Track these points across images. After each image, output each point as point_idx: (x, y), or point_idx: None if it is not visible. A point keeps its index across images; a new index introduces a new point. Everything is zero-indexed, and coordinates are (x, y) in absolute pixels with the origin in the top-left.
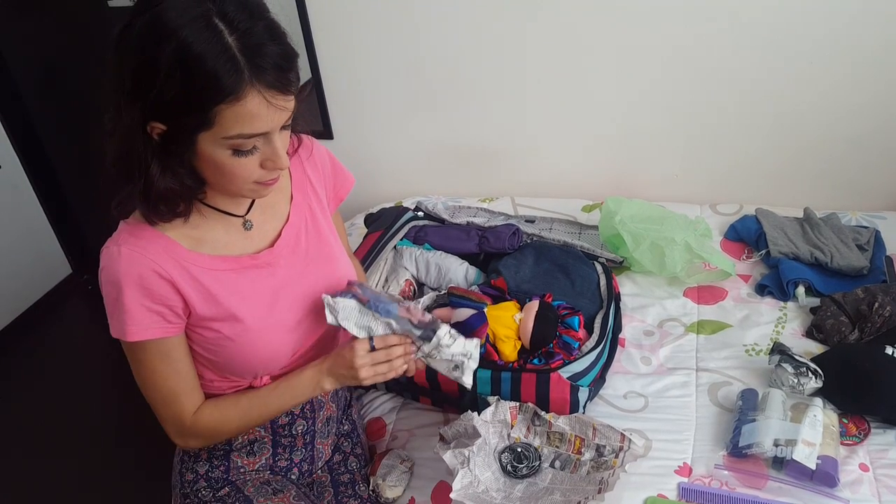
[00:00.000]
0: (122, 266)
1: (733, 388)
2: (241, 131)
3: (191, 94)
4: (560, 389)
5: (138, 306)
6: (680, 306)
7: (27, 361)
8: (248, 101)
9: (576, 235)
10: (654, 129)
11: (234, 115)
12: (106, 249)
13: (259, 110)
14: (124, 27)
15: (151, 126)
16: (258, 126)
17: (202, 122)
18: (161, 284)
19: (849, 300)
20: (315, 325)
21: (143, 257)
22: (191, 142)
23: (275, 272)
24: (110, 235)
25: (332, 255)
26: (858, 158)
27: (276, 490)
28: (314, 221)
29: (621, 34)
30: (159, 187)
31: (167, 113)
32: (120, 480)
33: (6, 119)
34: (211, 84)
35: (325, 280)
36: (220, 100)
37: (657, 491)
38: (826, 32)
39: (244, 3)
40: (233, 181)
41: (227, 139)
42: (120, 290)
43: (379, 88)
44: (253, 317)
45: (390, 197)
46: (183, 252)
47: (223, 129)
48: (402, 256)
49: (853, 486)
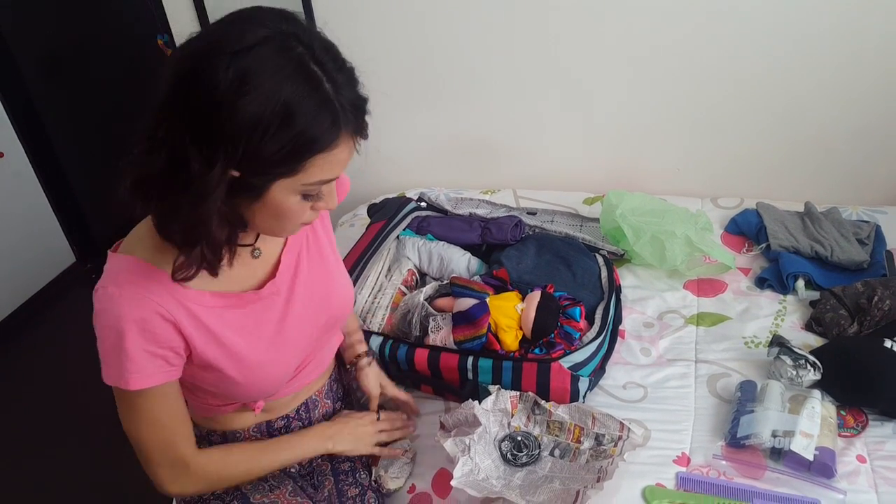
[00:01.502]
0: (123, 309)
1: (732, 380)
2: (322, 178)
3: (292, 149)
4: (561, 379)
5: (141, 352)
6: (680, 298)
7: (31, 350)
8: (340, 149)
9: (577, 228)
10: (655, 122)
11: (323, 164)
12: (102, 291)
13: (345, 157)
14: (196, 73)
15: (225, 172)
16: (337, 172)
17: (288, 171)
18: (165, 327)
19: (848, 294)
20: (314, 346)
21: (145, 298)
22: (263, 189)
23: (277, 302)
24: (115, 225)
25: (331, 274)
26: (859, 153)
27: (272, 486)
28: (315, 239)
29: (623, 28)
30: (220, 239)
31: (253, 164)
32: (120, 474)
33: (9, 106)
34: (314, 137)
35: (322, 304)
36: (318, 151)
37: (655, 480)
38: (827, 26)
39: (328, 46)
40: (285, 224)
41: (305, 185)
42: (121, 335)
43: (382, 81)
44: (256, 351)
45: (393, 188)
46: (183, 291)
47: (307, 176)
48: (405, 246)
49: (850, 477)
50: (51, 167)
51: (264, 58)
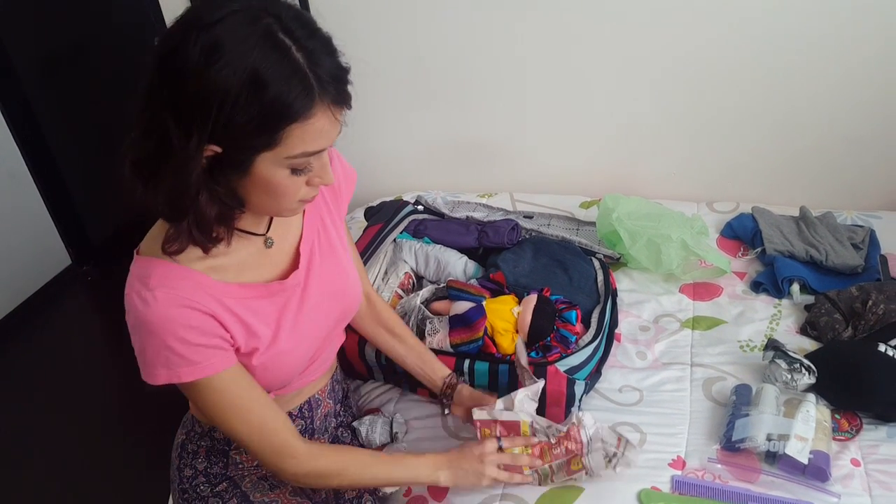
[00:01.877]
0: (161, 313)
1: (727, 384)
2: (305, 149)
3: (263, 118)
4: (557, 382)
5: (191, 348)
6: (676, 302)
7: (26, 352)
8: (317, 119)
9: (574, 231)
10: (652, 127)
11: (302, 134)
12: (136, 296)
13: (325, 127)
14: (172, 50)
15: (207, 149)
16: (321, 143)
17: (267, 143)
18: (204, 319)
19: (843, 298)
20: (326, 338)
21: (182, 297)
22: (248, 163)
23: (297, 293)
24: (111, 228)
25: (343, 267)
26: (855, 158)
27: (272, 485)
28: (325, 232)
29: (621, 32)
30: (209, 216)
31: (230, 137)
32: (118, 474)
33: (5, 107)
34: (285, 106)
35: (336, 296)
36: (292, 120)
37: (651, 483)
38: (824, 32)
39: (299, 15)
40: (280, 201)
41: (289, 159)
42: (165, 338)
43: (379, 83)
44: (277, 341)
45: (390, 192)
46: (213, 284)
47: (287, 148)
48: (402, 249)
49: (844, 480)
50: (47, 169)
51: (232, 29)
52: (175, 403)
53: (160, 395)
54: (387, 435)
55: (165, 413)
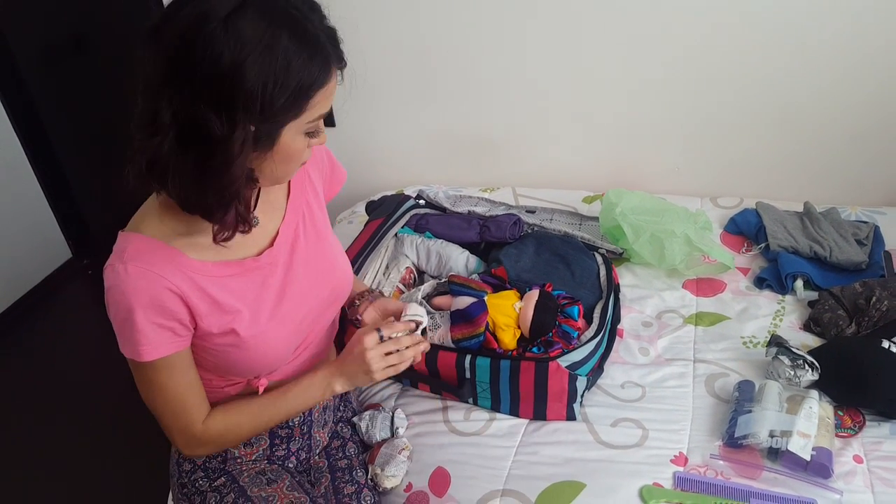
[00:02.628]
0: (130, 285)
1: (730, 380)
2: (321, 111)
3: (298, 92)
4: (559, 378)
5: (150, 325)
6: (679, 298)
7: (26, 345)
8: (333, 81)
9: (576, 226)
10: (655, 121)
11: (322, 98)
12: (111, 268)
13: (334, 87)
14: (194, 46)
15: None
16: (330, 102)
17: (296, 114)
18: (171, 299)
19: (847, 294)
20: (315, 322)
21: (151, 273)
22: (276, 136)
23: (276, 271)
24: (112, 221)
25: (330, 251)
26: (859, 154)
27: (270, 480)
28: (311, 216)
29: (624, 26)
30: (249, 198)
31: (265, 116)
32: (116, 468)
33: (5, 99)
34: (312, 77)
35: (323, 277)
36: (318, 88)
37: (653, 480)
38: (829, 27)
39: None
40: (291, 166)
41: (309, 123)
42: (130, 310)
43: (381, 77)
44: (258, 321)
45: (392, 185)
46: (188, 262)
47: (311, 114)
48: (403, 244)
49: (847, 477)
50: (47, 161)
51: (253, 17)
52: None
53: None
54: (387, 430)
55: None
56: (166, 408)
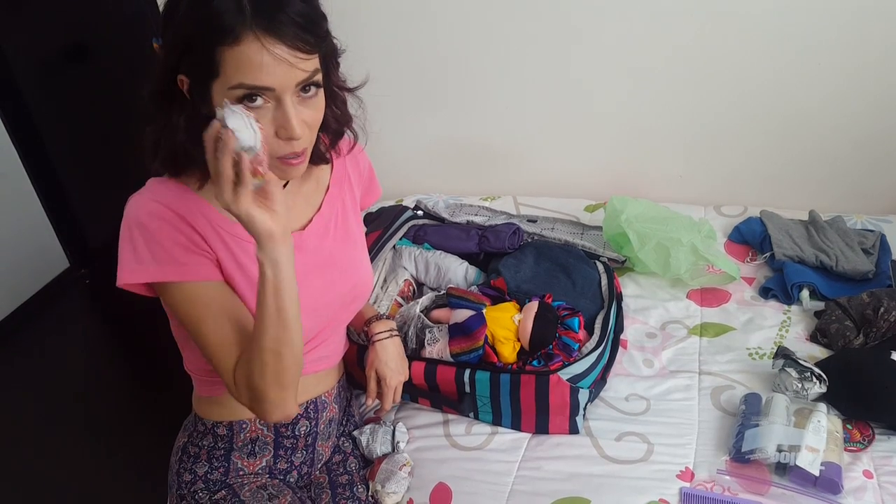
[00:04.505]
0: (155, 209)
1: (736, 392)
2: (241, 80)
3: (200, 34)
4: (560, 391)
5: (177, 246)
6: (683, 308)
7: (24, 355)
8: (246, 45)
9: (578, 235)
10: (658, 129)
11: (235, 61)
12: (133, 199)
13: (258, 58)
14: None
15: (180, 80)
16: (260, 78)
17: (210, 68)
18: (192, 234)
19: (854, 304)
20: (331, 318)
21: (168, 204)
22: (207, 95)
23: (299, 257)
24: (109, 230)
25: (357, 254)
26: (864, 161)
27: (272, 495)
28: (344, 216)
29: (626, 34)
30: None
31: (184, 59)
32: (115, 478)
33: (3, 111)
34: (213, 21)
35: (346, 275)
36: (219, 40)
37: (659, 496)
38: (833, 34)
39: None
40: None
41: (231, 89)
42: (156, 231)
43: (381, 85)
44: None
45: (391, 194)
46: (215, 214)
47: (227, 77)
48: (402, 256)
49: (857, 492)
50: (44, 170)
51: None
52: (175, 408)
53: (159, 399)
54: (388, 444)
55: (164, 417)
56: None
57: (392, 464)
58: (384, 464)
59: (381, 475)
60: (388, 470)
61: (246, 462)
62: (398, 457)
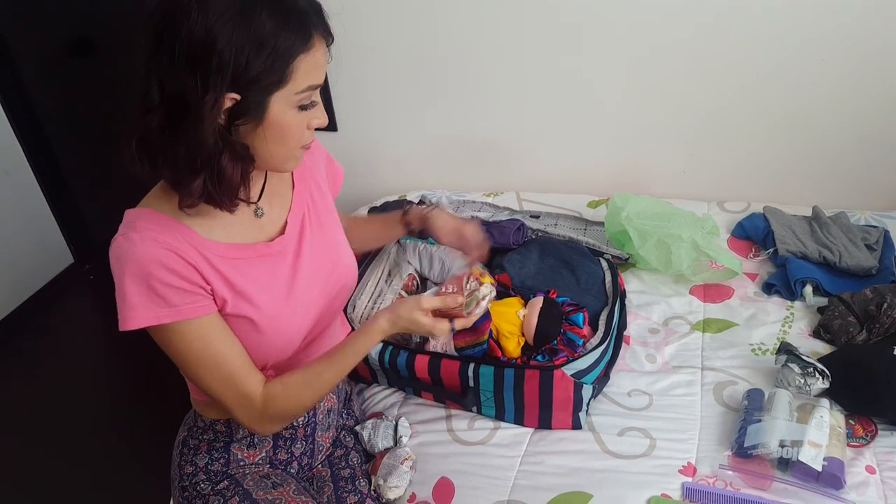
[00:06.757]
0: (143, 248)
1: (739, 388)
2: (310, 83)
3: (276, 55)
4: (564, 387)
5: (169, 289)
6: (686, 304)
7: (27, 351)
8: (316, 49)
9: (581, 231)
10: (661, 125)
11: (307, 67)
12: (122, 238)
13: (321, 59)
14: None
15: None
16: (320, 76)
17: (280, 80)
18: (186, 266)
19: (857, 300)
20: (324, 311)
21: (163, 242)
22: (264, 105)
23: (286, 259)
24: (114, 226)
25: (335, 241)
26: (868, 157)
27: (275, 484)
28: (314, 208)
29: (629, 29)
30: (234, 177)
31: (247, 81)
32: (118, 472)
33: (7, 104)
34: (290, 41)
35: (329, 265)
36: (298, 52)
37: (661, 490)
38: (837, 29)
39: None
40: (289, 145)
41: (298, 94)
42: (148, 275)
43: (384, 81)
44: (269, 305)
45: (395, 190)
46: (199, 239)
47: (297, 83)
48: (406, 250)
49: (859, 488)
50: (48, 165)
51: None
52: (176, 402)
53: (162, 394)
54: (390, 439)
55: (166, 412)
56: (217, 379)
57: (394, 458)
58: (386, 458)
59: (383, 469)
60: (391, 464)
61: (246, 453)
62: (400, 451)
